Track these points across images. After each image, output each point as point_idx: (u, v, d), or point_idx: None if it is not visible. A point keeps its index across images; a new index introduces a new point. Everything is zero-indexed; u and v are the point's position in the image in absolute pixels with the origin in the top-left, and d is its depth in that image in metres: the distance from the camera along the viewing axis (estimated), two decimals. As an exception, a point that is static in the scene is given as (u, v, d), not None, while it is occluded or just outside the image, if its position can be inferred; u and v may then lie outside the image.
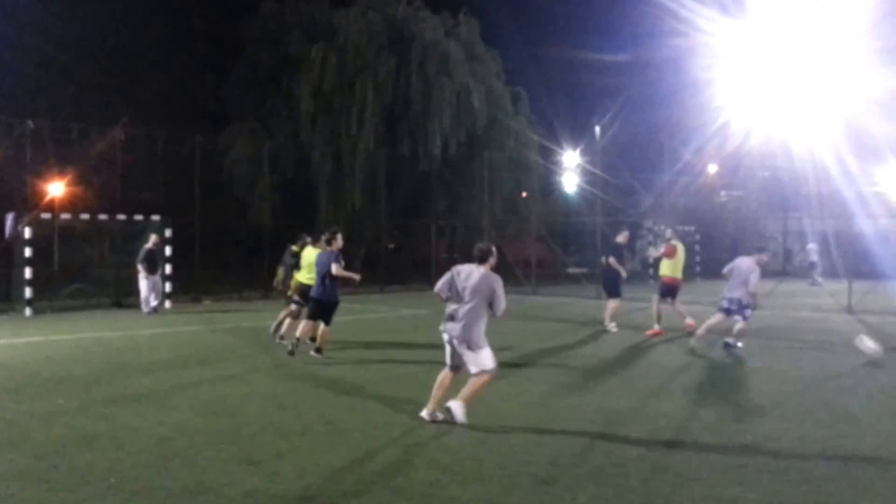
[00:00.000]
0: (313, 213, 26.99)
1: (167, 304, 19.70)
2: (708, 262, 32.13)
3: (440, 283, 7.32)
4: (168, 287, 19.92)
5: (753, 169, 35.91)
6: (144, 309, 18.37)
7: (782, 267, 34.08)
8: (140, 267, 18.37)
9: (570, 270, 30.63)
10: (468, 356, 7.11)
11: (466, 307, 7.07)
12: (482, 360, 7.09)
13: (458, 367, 7.29)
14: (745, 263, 12.28)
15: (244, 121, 28.26)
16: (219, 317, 18.05)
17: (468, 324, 7.04)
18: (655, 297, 14.65)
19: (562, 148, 32.76)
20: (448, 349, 7.29)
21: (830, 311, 18.57)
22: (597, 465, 5.98)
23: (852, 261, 23.05)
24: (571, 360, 11.42)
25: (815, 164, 28.88)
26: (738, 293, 12.20)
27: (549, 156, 32.27)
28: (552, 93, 39.56)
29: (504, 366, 10.56)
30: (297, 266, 12.53)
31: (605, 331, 14.72)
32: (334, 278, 11.11)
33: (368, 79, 27.62)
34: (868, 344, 11.17)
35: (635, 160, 33.60)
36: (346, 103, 27.44)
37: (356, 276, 11.73)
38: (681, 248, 14.81)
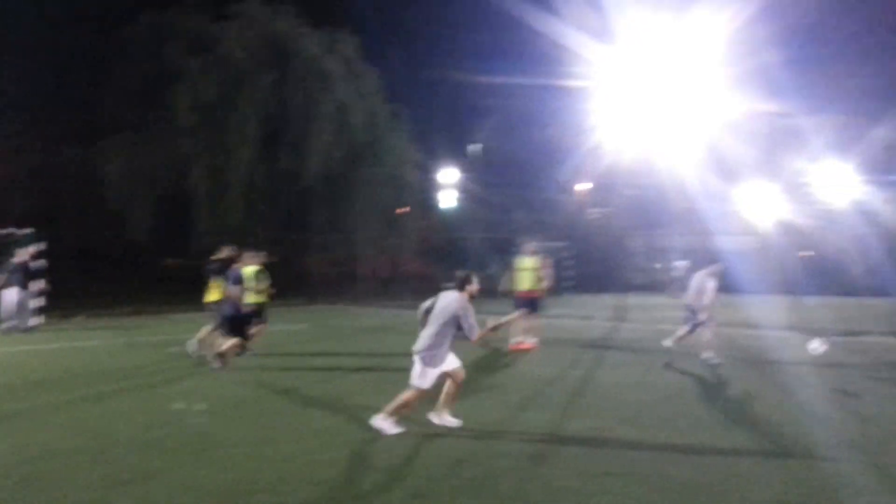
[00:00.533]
0: (191, 227, 26.34)
1: (38, 320, 18.73)
2: (579, 277, 33.31)
3: (425, 305, 7.68)
4: (39, 303, 18.96)
5: (622, 188, 37.33)
6: (9, 324, 17.43)
7: (650, 281, 35.51)
8: (6, 281, 17.42)
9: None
10: (417, 369, 7.38)
11: (431, 329, 7.41)
12: (421, 375, 7.35)
13: (444, 375, 7.50)
14: (699, 275, 12.67)
15: (121, 133, 27.35)
16: (91, 334, 17.43)
17: (431, 344, 7.37)
18: (520, 312, 14.45)
19: (441, 165, 33.20)
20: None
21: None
22: (470, 476, 6.06)
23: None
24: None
25: (678, 184, 30.43)
26: (688, 301, 12.69)
27: (428, 172, 32.68)
28: (433, 111, 40.06)
29: (379, 379, 10.72)
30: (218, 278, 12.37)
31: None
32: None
33: (249, 93, 27.30)
34: (815, 346, 11.77)
35: (514, 178, 34.39)
36: (226, 117, 27.02)
37: (236, 300, 11.70)
38: (525, 261, 14.65)
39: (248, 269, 12.72)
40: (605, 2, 25.53)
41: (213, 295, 12.46)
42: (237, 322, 11.59)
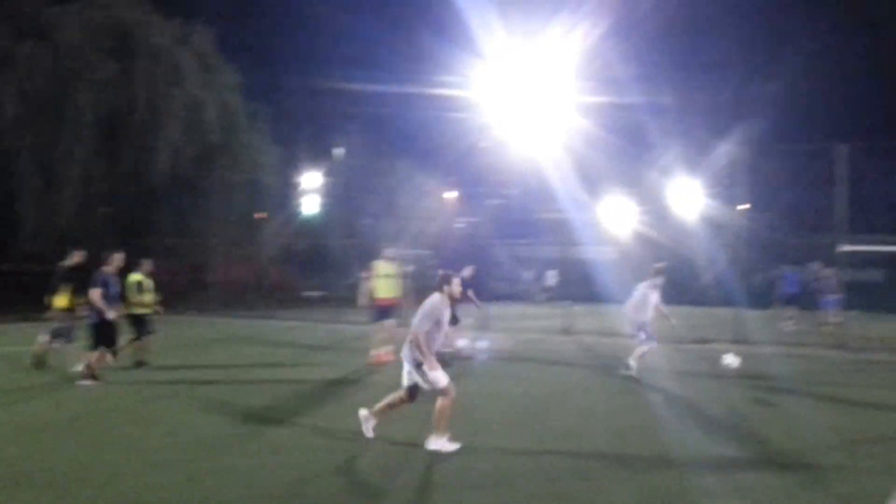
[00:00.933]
0: (16, 228, 23.95)
1: None
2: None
3: None
4: None
5: (488, 197, 37.54)
6: None
7: (514, 291, 35.69)
8: None
9: (306, 294, 29.89)
10: (420, 377, 7.10)
11: (412, 334, 7.18)
12: (433, 379, 7.05)
13: (412, 389, 7.27)
14: (641, 287, 12.16)
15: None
16: None
17: (413, 349, 7.12)
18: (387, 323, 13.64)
19: (303, 168, 32.10)
20: (404, 369, 7.30)
21: (551, 333, 19.52)
22: (316, 495, 5.81)
23: (575, 284, 24.48)
24: (299, 386, 10.87)
25: (543, 194, 30.89)
26: (632, 315, 12.12)
27: (289, 176, 31.44)
28: (295, 112, 38.75)
29: (221, 394, 10.18)
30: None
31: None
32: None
33: (87, 84, 25.16)
34: (730, 361, 11.57)
35: (380, 184, 33.88)
36: (60, 109, 24.77)
37: (106, 312, 10.60)
38: (384, 267, 13.78)
39: (133, 278, 12.17)
40: (472, 16, 25.71)
41: (61, 302, 11.51)
42: (103, 331, 10.54)
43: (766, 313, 21.90)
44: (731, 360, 11.84)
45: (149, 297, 12.42)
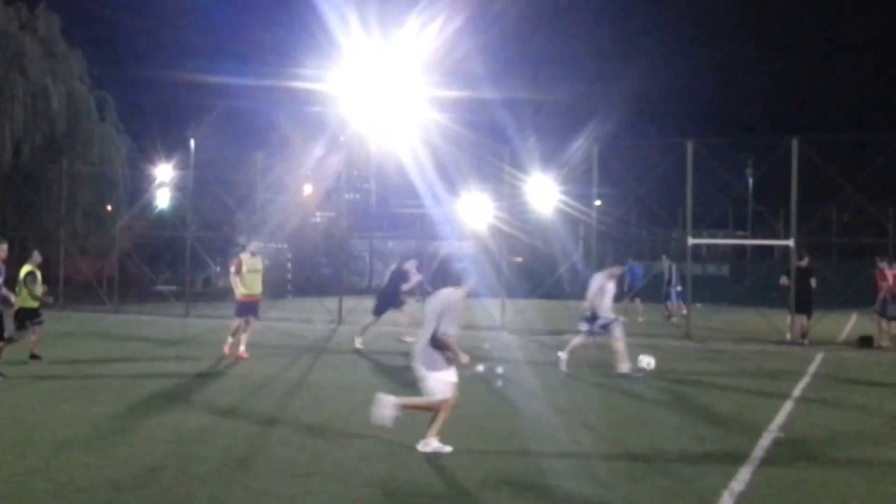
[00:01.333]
0: None
1: None
2: (301, 280, 33.08)
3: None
4: None
5: (346, 191, 37.67)
6: None
7: (373, 285, 36.05)
8: None
9: (159, 288, 29.15)
10: (424, 376, 6.91)
11: (425, 328, 6.94)
12: (433, 385, 6.84)
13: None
14: (598, 277, 12.12)
15: None
16: None
17: (425, 344, 6.86)
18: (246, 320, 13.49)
19: (154, 160, 31.15)
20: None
21: (409, 327, 19.88)
22: (163, 485, 5.76)
23: (432, 279, 24.99)
24: (149, 381, 10.73)
25: (402, 189, 31.39)
26: (586, 304, 12.09)
27: (139, 167, 30.45)
28: (147, 102, 37.50)
29: (69, 389, 10.00)
30: None
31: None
32: None
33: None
34: (646, 361, 11.97)
35: (235, 178, 33.32)
36: None
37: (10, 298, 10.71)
38: (250, 262, 13.63)
39: (26, 269, 11.95)
40: (329, 9, 25.87)
41: None
42: None
43: (617, 306, 22.98)
44: (647, 361, 11.92)
45: (40, 289, 12.14)
